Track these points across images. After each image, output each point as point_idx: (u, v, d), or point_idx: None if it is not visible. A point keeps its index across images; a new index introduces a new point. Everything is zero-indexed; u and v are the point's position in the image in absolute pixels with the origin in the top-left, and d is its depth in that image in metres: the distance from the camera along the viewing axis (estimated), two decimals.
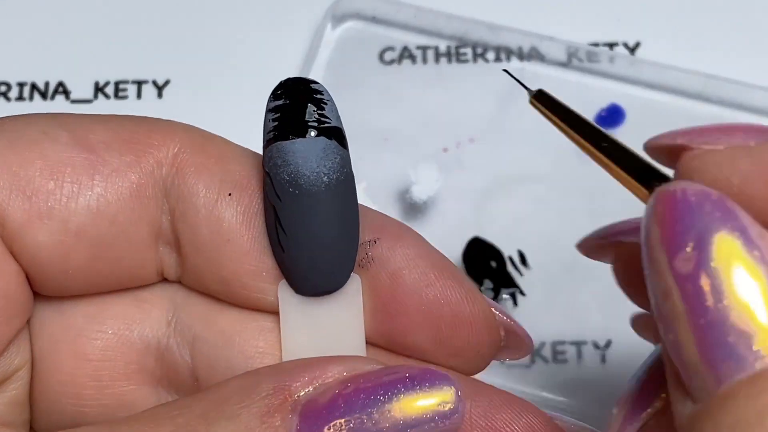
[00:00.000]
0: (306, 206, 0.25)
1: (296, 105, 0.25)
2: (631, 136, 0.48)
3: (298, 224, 0.25)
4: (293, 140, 0.25)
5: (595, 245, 0.21)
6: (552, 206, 0.48)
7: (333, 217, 0.25)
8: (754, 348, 0.18)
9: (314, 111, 0.25)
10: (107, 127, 0.26)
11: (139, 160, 0.26)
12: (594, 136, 0.22)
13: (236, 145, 0.27)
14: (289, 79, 0.26)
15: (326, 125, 0.25)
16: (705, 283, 0.18)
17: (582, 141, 0.22)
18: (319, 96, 0.26)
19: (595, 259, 0.21)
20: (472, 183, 0.48)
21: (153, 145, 0.26)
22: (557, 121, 0.23)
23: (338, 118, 0.26)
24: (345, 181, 0.25)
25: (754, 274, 0.18)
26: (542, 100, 0.23)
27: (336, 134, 0.25)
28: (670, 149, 0.21)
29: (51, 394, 0.27)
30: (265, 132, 0.25)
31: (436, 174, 0.47)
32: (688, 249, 0.18)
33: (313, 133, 0.25)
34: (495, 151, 0.49)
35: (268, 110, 0.26)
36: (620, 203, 0.48)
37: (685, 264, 0.18)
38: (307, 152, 0.25)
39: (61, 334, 0.27)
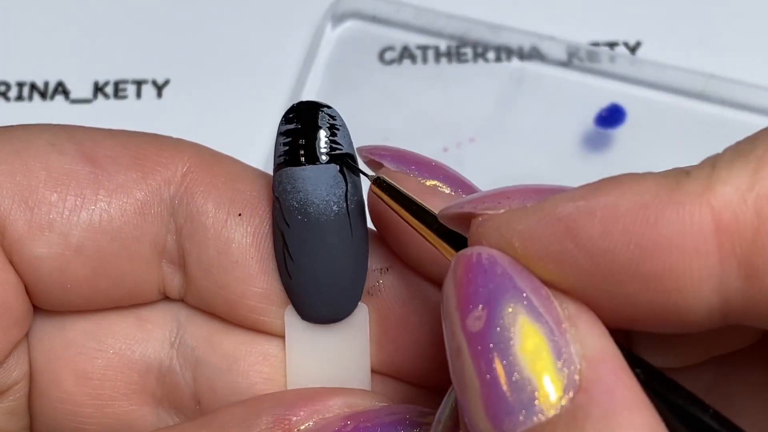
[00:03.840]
0: (314, 234, 0.25)
1: (308, 130, 0.25)
2: (632, 135, 0.49)
3: (305, 252, 0.25)
4: (303, 166, 0.25)
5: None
6: None
7: (341, 246, 0.25)
8: (536, 403, 0.19)
9: (326, 137, 0.25)
10: (116, 141, 0.26)
11: (146, 178, 0.26)
12: (428, 220, 0.23)
13: (245, 164, 0.27)
14: (301, 103, 0.25)
15: (338, 152, 0.25)
16: (492, 340, 0.19)
17: (419, 224, 0.24)
18: (332, 121, 0.25)
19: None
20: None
21: (161, 163, 0.26)
22: (397, 206, 0.24)
23: (351, 144, 0.25)
24: (355, 210, 0.25)
25: (537, 334, 0.19)
26: (382, 187, 0.24)
27: (348, 161, 0.25)
28: (461, 217, 0.22)
29: (50, 409, 0.27)
30: (276, 156, 0.25)
31: None
32: (480, 308, 0.19)
33: (324, 160, 0.25)
34: (495, 151, 0.49)
35: (280, 133, 0.25)
36: None
37: (476, 322, 0.19)
38: (317, 179, 0.25)
39: (61, 351, 0.26)
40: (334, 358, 0.26)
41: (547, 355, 0.19)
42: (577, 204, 0.19)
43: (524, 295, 0.19)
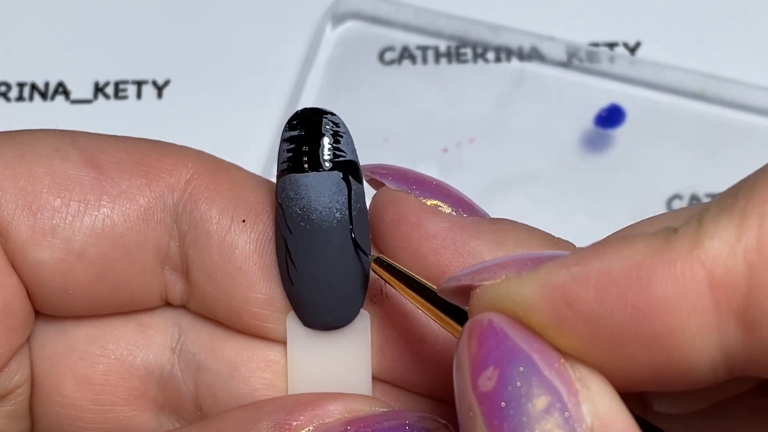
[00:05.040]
0: (317, 241, 0.25)
1: (311, 137, 0.25)
2: (631, 136, 0.49)
3: (308, 259, 0.25)
4: (307, 173, 0.25)
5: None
6: (552, 206, 0.48)
7: (344, 253, 0.25)
8: None
9: (329, 144, 0.25)
10: (119, 147, 0.26)
11: (150, 184, 0.26)
12: (429, 295, 0.24)
13: (249, 172, 0.27)
14: (305, 109, 0.25)
15: (341, 159, 0.25)
16: (503, 399, 0.19)
17: (420, 299, 0.24)
18: (335, 128, 0.25)
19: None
20: (472, 183, 0.48)
21: (165, 169, 0.26)
22: (398, 283, 0.24)
23: (354, 151, 0.25)
24: (358, 217, 0.25)
25: (548, 393, 0.19)
26: (382, 265, 0.25)
27: (351, 168, 0.25)
28: (459, 290, 0.22)
29: (51, 414, 0.27)
30: (279, 162, 0.25)
31: (436, 174, 0.47)
32: (491, 369, 0.19)
33: (327, 167, 0.25)
34: (495, 151, 0.49)
35: (283, 140, 0.25)
36: (620, 203, 0.48)
37: (487, 382, 0.19)
38: (320, 186, 0.25)
39: (63, 356, 0.26)
40: (335, 364, 0.26)
41: (559, 413, 0.19)
42: (570, 271, 0.19)
43: (535, 356, 0.19)
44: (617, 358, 0.19)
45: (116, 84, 0.51)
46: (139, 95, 0.51)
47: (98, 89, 0.51)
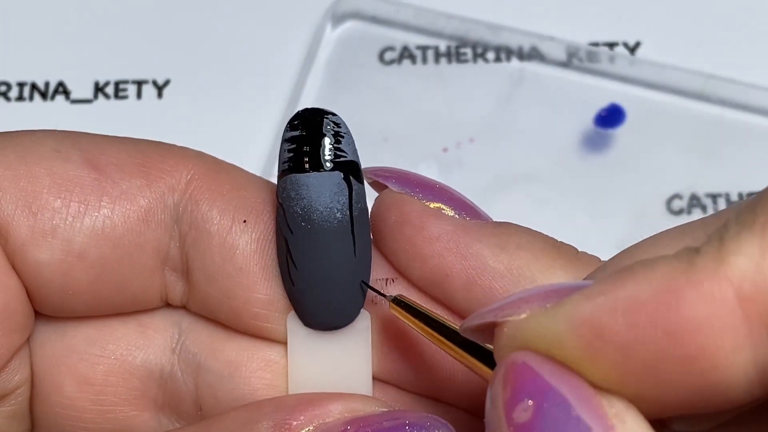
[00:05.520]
0: (317, 241, 0.25)
1: (312, 137, 0.25)
2: (631, 136, 0.49)
3: (308, 259, 0.25)
4: (308, 173, 0.25)
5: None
6: (552, 206, 0.48)
7: (344, 253, 0.25)
8: None
9: (331, 144, 0.25)
10: (120, 148, 0.26)
11: (150, 185, 0.26)
12: (449, 334, 0.24)
13: (249, 172, 0.27)
14: (306, 110, 0.25)
15: (342, 159, 0.25)
16: (539, 428, 0.19)
17: (440, 338, 0.24)
18: (336, 128, 0.25)
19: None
20: (472, 183, 0.48)
21: (165, 170, 0.26)
22: (418, 323, 0.24)
23: (355, 151, 0.25)
24: (358, 217, 0.25)
25: (584, 426, 0.19)
26: (401, 305, 0.25)
27: (352, 169, 0.25)
28: (483, 328, 0.21)
29: (51, 414, 0.27)
30: (281, 162, 0.25)
31: (436, 174, 0.47)
32: (526, 401, 0.19)
33: (328, 167, 0.25)
34: (495, 151, 0.49)
35: (284, 140, 0.25)
36: (620, 203, 0.48)
37: (522, 414, 0.19)
38: (321, 186, 0.25)
39: (63, 357, 0.26)
40: (335, 364, 0.26)
41: None
42: (597, 301, 0.19)
43: (570, 393, 0.19)
44: (652, 384, 0.19)
45: (116, 84, 0.51)
46: (139, 95, 0.51)
47: (98, 89, 0.51)
